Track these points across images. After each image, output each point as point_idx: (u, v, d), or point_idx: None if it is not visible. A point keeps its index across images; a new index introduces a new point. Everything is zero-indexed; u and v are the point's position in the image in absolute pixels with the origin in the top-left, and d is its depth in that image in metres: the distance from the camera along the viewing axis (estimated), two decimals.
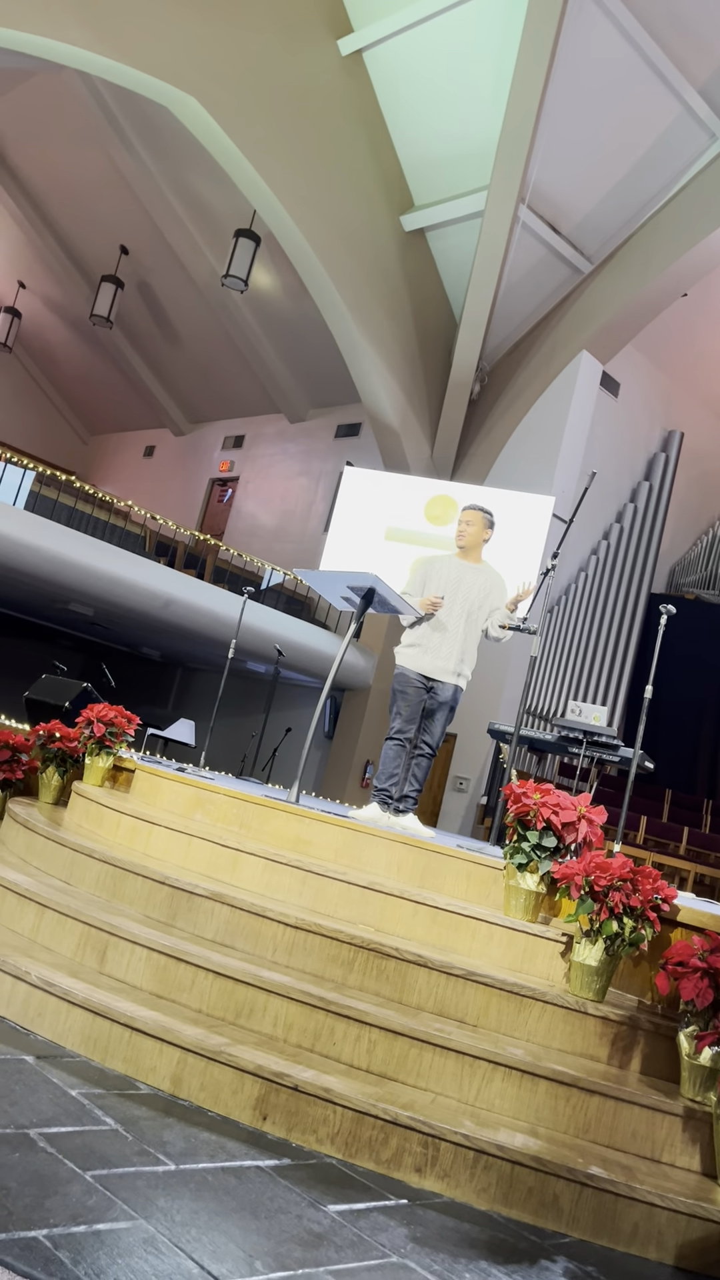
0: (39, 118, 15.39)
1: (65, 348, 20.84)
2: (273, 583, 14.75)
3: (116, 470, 21.96)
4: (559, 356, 12.88)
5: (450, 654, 5.14)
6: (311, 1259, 2.23)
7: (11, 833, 4.75)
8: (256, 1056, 2.98)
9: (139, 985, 3.43)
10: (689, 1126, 3.06)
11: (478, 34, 10.90)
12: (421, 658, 5.19)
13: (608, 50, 10.62)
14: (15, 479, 11.64)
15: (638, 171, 11.82)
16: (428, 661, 5.17)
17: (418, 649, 5.20)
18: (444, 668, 5.15)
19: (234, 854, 4.07)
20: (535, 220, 12.07)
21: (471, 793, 12.76)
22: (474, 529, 5.29)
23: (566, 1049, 3.34)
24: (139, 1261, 2.03)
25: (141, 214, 15.81)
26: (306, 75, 11.79)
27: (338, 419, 16.97)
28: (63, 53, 10.20)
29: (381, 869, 4.14)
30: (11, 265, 19.41)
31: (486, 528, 5.32)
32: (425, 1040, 3.13)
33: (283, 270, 14.64)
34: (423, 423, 13.49)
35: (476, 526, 5.29)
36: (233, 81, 11.22)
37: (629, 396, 14.12)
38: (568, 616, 13.46)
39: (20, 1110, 2.59)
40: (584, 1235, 2.76)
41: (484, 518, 5.31)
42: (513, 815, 3.83)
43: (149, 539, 15.96)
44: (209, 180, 13.95)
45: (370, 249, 12.68)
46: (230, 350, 17.47)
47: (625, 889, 3.40)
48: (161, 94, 11.02)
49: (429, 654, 5.17)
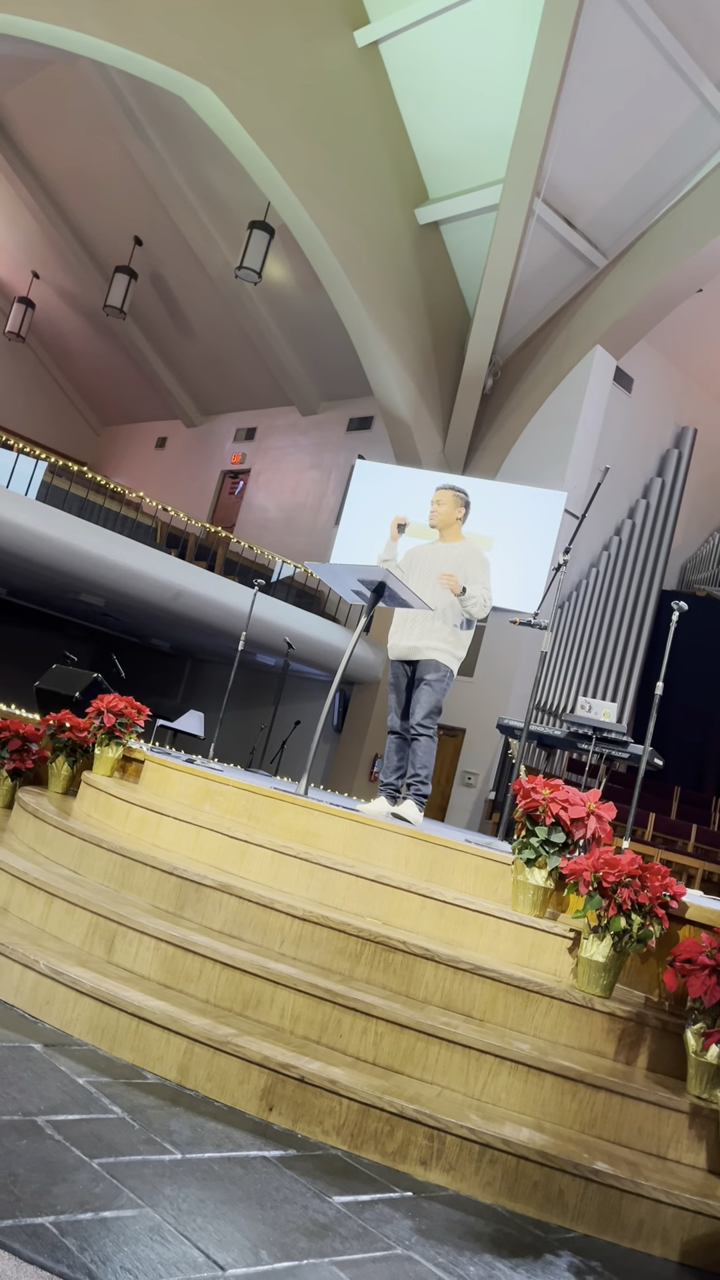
0: (54, 107, 15.39)
1: (78, 338, 20.85)
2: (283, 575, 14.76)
3: (128, 461, 21.98)
4: (572, 351, 12.83)
5: (424, 631, 5.04)
6: (316, 1249, 2.24)
7: (21, 822, 4.76)
8: (263, 1047, 2.99)
9: (147, 975, 3.44)
10: (695, 1123, 3.06)
11: (494, 27, 10.85)
12: (399, 639, 5.16)
13: (624, 43, 10.56)
14: (27, 469, 11.66)
15: (653, 166, 11.76)
16: (404, 643, 5.13)
17: (397, 633, 5.18)
18: (417, 645, 5.06)
19: (242, 846, 4.07)
20: (550, 214, 12.02)
21: (480, 787, 12.75)
22: (444, 508, 5.23)
23: (573, 1044, 3.34)
24: (145, 1249, 2.04)
25: (156, 205, 15.80)
26: (322, 67, 11.76)
27: (350, 412, 16.95)
28: (79, 42, 10.20)
29: (389, 862, 4.14)
30: (26, 255, 19.42)
31: (458, 506, 5.24)
32: (432, 1034, 3.13)
33: (296, 263, 14.62)
34: (435, 417, 13.46)
35: (447, 505, 5.23)
36: (248, 73, 11.20)
37: (642, 392, 14.07)
38: (579, 612, 13.43)
39: (28, 1097, 2.60)
40: (589, 1230, 2.76)
41: (454, 495, 5.24)
42: (522, 810, 3.82)
43: (160, 530, 15.97)
44: (223, 172, 13.93)
45: (384, 242, 12.65)
46: (243, 342, 17.46)
47: (634, 885, 3.39)
48: (177, 84, 11.01)
49: (404, 634, 5.13)
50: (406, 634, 5.14)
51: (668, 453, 14.61)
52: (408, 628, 5.14)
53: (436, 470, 13.23)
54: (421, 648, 5.06)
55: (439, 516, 5.25)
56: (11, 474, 11.38)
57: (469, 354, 13.04)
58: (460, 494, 5.28)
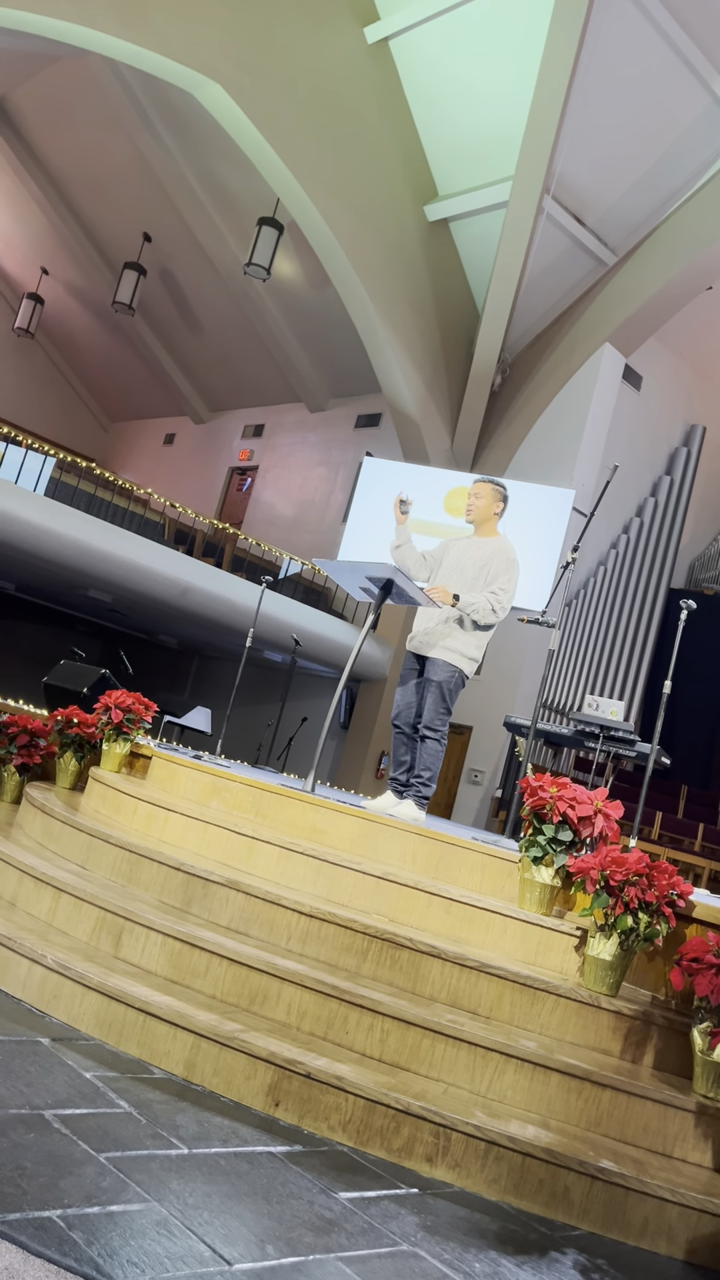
0: (64, 103, 15.40)
1: (87, 334, 20.87)
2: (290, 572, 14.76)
3: (136, 457, 22.00)
4: (581, 349, 12.80)
5: (438, 630, 4.95)
6: (322, 1245, 2.24)
7: (29, 817, 4.78)
8: (270, 1043, 3.00)
9: (154, 970, 3.45)
10: (701, 1122, 3.06)
11: (504, 22, 10.81)
12: (417, 628, 5.10)
13: (635, 39, 10.52)
14: (36, 465, 11.68)
15: (664, 163, 11.72)
16: (418, 630, 5.07)
17: (418, 620, 5.11)
18: (428, 642, 4.98)
19: (249, 842, 4.08)
20: (559, 211, 11.99)
21: (486, 785, 12.75)
22: (483, 501, 5.08)
23: (579, 1042, 3.34)
24: (152, 1243, 2.05)
25: (165, 201, 15.80)
26: (332, 63, 11.75)
27: (358, 409, 16.94)
28: (89, 38, 10.19)
29: (396, 860, 4.15)
30: (35, 251, 19.43)
31: (498, 500, 5.09)
32: (438, 1031, 3.14)
33: (305, 259, 14.61)
34: (443, 414, 13.45)
35: (485, 499, 5.08)
36: (258, 69, 11.19)
37: (651, 390, 14.04)
38: (586, 610, 13.41)
39: (36, 1091, 2.61)
40: (594, 1228, 2.76)
41: (494, 490, 5.09)
42: (529, 808, 3.82)
43: (168, 527, 15.99)
44: (233, 168, 13.93)
45: (393, 239, 12.63)
46: (251, 339, 17.46)
47: (641, 884, 3.39)
48: (186, 80, 11.01)
49: (421, 621, 5.07)
50: (425, 619, 5.05)
51: (676, 451, 14.58)
52: (427, 614, 5.03)
53: (444, 468, 13.22)
54: (434, 643, 4.96)
55: (476, 511, 5.09)
56: (20, 470, 11.40)
57: (477, 351, 13.02)
58: (500, 488, 5.13)
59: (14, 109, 16.42)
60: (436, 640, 4.96)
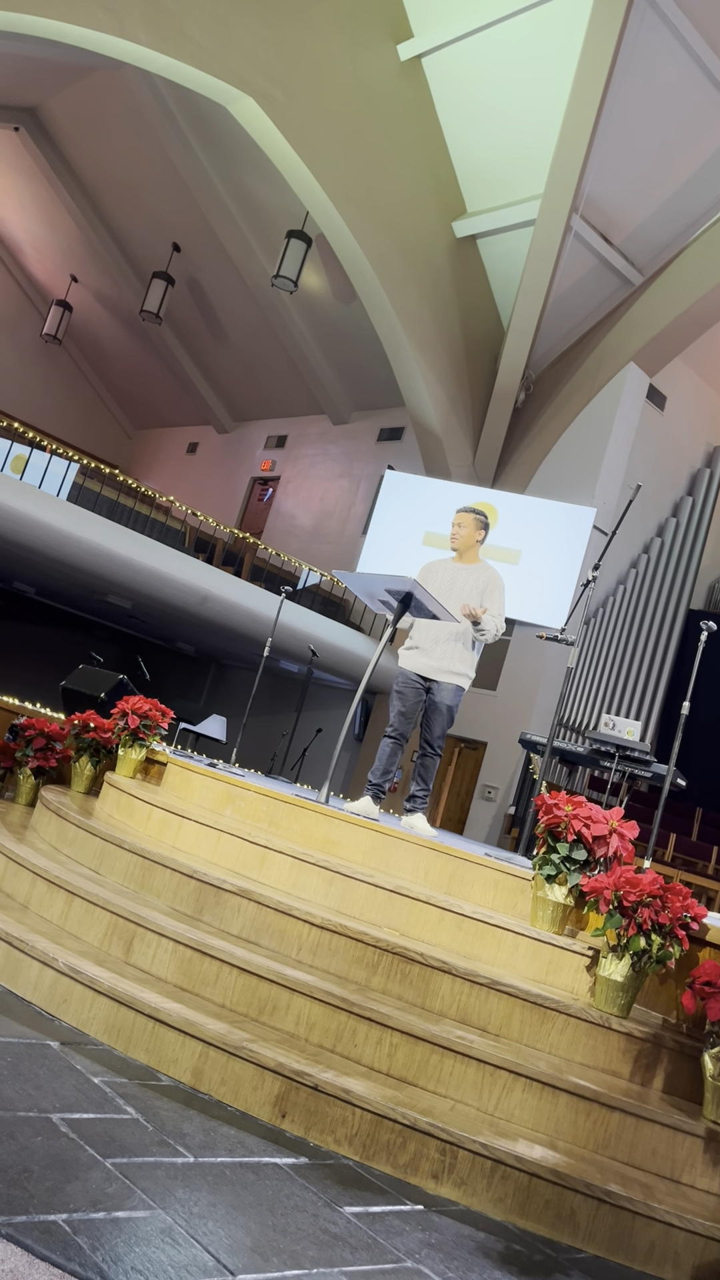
0: (97, 113, 15.56)
1: (114, 342, 21.03)
2: (309, 583, 14.79)
3: (159, 465, 22.12)
4: (606, 367, 12.81)
5: (446, 654, 5.21)
6: (326, 1259, 2.23)
7: (44, 820, 4.80)
8: (278, 1054, 2.99)
9: (164, 977, 3.45)
10: (710, 1148, 3.03)
11: (538, 42, 10.86)
12: (419, 658, 5.28)
13: (667, 61, 10.55)
14: (60, 471, 11.76)
15: (692, 184, 11.73)
16: (424, 661, 5.26)
17: (417, 650, 5.30)
18: (439, 667, 5.22)
19: (262, 851, 4.08)
20: (587, 230, 12.02)
21: (500, 802, 12.70)
22: (465, 530, 5.38)
23: (589, 1063, 3.32)
24: (156, 1251, 2.04)
25: (195, 212, 15.92)
26: (365, 79, 11.83)
27: (380, 422, 16.98)
28: (124, 50, 10.31)
29: (409, 873, 4.14)
30: (65, 259, 19.62)
31: (478, 529, 5.40)
32: (447, 1047, 3.12)
33: (332, 272, 14.68)
34: (466, 429, 13.47)
35: (468, 529, 5.38)
36: (291, 83, 11.28)
37: (675, 410, 14.01)
38: (605, 629, 13.37)
39: (43, 1095, 2.61)
40: (599, 1251, 2.74)
41: (475, 519, 5.40)
42: (544, 826, 3.81)
43: (189, 535, 16.06)
44: (263, 180, 14.03)
45: (421, 254, 12.69)
46: (277, 350, 17.54)
47: (654, 905, 3.37)
48: (219, 93, 11.10)
49: (425, 654, 5.26)
50: (425, 655, 5.27)
51: (699, 472, 14.54)
52: (425, 649, 5.27)
53: (466, 483, 13.22)
54: (442, 669, 5.21)
55: (460, 539, 5.42)
56: (44, 475, 11.48)
57: (502, 367, 13.04)
58: (480, 517, 5.42)
59: (48, 119, 16.60)
60: (447, 665, 5.21)
